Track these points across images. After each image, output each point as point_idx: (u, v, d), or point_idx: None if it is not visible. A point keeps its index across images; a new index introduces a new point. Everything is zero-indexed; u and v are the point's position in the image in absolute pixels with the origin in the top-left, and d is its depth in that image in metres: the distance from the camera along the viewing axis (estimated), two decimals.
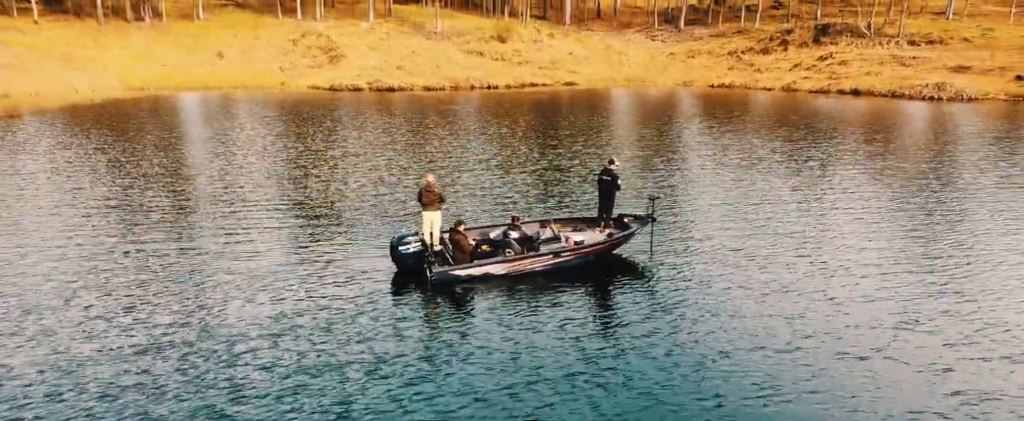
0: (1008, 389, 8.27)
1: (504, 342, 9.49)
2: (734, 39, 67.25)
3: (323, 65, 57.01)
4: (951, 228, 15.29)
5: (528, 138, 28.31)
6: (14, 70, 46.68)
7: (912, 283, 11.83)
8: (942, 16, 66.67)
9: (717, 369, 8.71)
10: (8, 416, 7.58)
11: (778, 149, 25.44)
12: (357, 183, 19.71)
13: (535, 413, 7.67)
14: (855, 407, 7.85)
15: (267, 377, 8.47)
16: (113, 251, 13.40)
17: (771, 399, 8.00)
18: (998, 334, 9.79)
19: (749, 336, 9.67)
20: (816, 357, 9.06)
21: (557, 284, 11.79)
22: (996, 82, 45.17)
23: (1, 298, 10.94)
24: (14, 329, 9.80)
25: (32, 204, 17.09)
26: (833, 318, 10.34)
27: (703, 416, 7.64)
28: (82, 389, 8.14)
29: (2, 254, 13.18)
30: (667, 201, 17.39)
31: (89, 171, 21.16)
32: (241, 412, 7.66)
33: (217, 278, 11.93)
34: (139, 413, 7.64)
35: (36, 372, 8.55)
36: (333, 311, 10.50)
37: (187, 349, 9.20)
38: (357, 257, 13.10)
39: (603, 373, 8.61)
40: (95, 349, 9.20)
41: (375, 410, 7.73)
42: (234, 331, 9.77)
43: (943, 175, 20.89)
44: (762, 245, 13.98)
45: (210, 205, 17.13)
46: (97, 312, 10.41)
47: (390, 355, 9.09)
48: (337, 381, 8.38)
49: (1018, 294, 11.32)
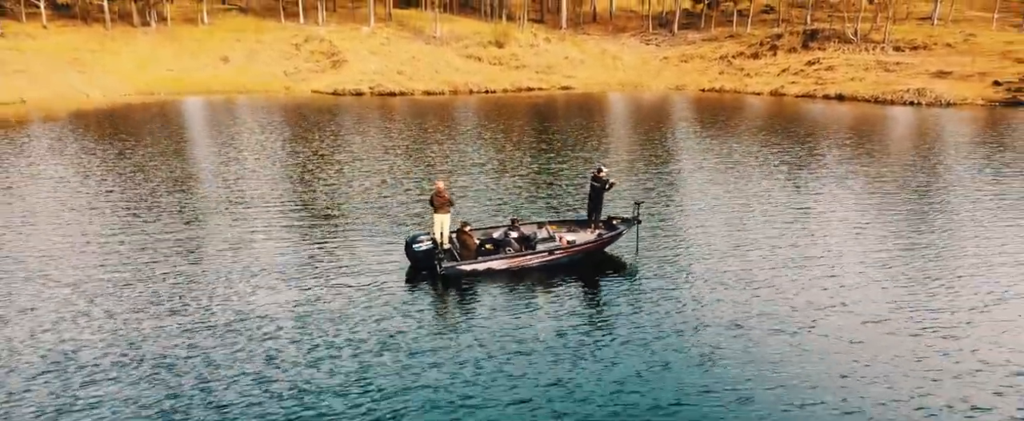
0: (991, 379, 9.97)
1: (504, 327, 11.15)
2: (726, 43, 68.96)
3: (326, 70, 58.56)
4: (918, 227, 16.98)
5: (524, 143, 29.96)
6: (28, 76, 48.18)
7: (879, 277, 13.52)
8: (928, 22, 68.49)
9: (694, 352, 10.39)
10: (86, 379, 9.20)
11: (757, 153, 27.12)
12: (366, 186, 21.34)
13: (530, 385, 9.33)
14: (824, 388, 9.53)
15: (298, 351, 10.12)
16: (153, 247, 15.01)
17: (740, 378, 9.68)
18: (972, 321, 11.50)
19: (724, 324, 11.34)
20: (786, 341, 10.74)
21: (552, 278, 13.46)
22: (975, 87, 46.95)
23: (66, 287, 12.57)
24: (81, 312, 11.43)
25: (69, 205, 18.67)
26: (805, 307, 12.02)
27: (679, 392, 9.31)
28: (141, 359, 9.78)
29: (57, 250, 14.78)
30: (652, 204, 19.06)
31: (117, 175, 22.74)
32: (275, 377, 9.31)
33: (248, 271, 13.56)
34: (193, 377, 9.28)
35: (103, 347, 10.19)
36: (355, 299, 12.15)
37: (227, 328, 10.85)
38: (374, 254, 14.74)
39: (591, 355, 10.28)
40: (152, 326, 10.84)
41: (391, 379, 9.38)
42: (266, 314, 11.42)
43: (908, 177, 22.59)
44: (739, 244, 15.66)
45: (234, 206, 18.75)
46: (149, 298, 12.05)
47: (405, 335, 10.75)
48: (358, 354, 10.04)
49: (994, 286, 13.03)
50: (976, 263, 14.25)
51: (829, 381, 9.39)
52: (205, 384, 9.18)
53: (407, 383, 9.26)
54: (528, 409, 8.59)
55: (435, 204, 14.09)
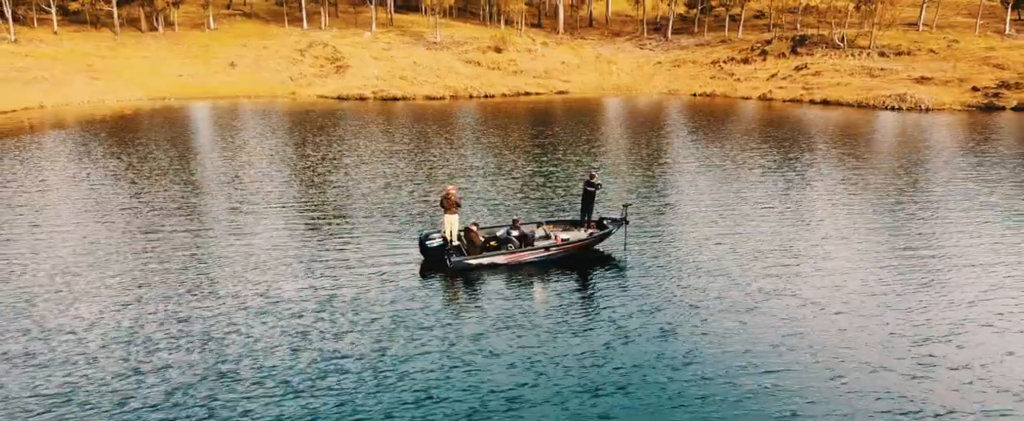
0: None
1: (504, 313, 13.10)
2: (718, 48, 71.03)
3: (330, 75, 60.47)
4: (887, 225, 18.96)
5: (522, 148, 31.91)
6: (46, 82, 50.05)
7: (844, 265, 15.49)
8: (914, 27, 70.62)
9: (676, 336, 12.34)
10: (149, 350, 11.12)
11: (739, 157, 29.09)
12: (375, 187, 23.26)
13: (521, 357, 11.28)
14: (794, 375, 11.48)
15: (326, 328, 12.04)
16: (189, 243, 16.94)
17: (715, 358, 11.63)
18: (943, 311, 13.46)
19: (702, 312, 13.28)
20: (756, 329, 12.70)
21: (548, 271, 15.42)
22: (953, 93, 49.03)
23: (120, 275, 14.49)
24: (136, 296, 13.37)
25: (109, 205, 20.57)
26: (772, 298, 13.98)
27: (643, 361, 11.26)
28: (191, 334, 11.71)
29: (109, 245, 16.70)
30: (640, 205, 21.02)
31: (145, 177, 24.64)
32: (306, 348, 11.24)
33: (277, 263, 15.48)
34: (237, 348, 11.21)
35: (159, 325, 12.12)
36: (375, 288, 14.08)
37: (262, 312, 12.78)
38: (389, 250, 16.68)
39: (582, 336, 12.24)
40: (196, 308, 12.76)
41: (404, 350, 11.32)
42: (297, 299, 13.35)
43: (878, 179, 24.55)
44: (719, 241, 17.62)
45: (257, 207, 20.66)
46: (191, 284, 13.98)
47: (416, 317, 12.69)
48: (377, 331, 11.97)
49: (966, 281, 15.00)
50: (949, 258, 16.22)
51: (784, 354, 11.35)
52: (248, 354, 11.10)
53: (416, 353, 11.19)
54: (519, 375, 10.53)
55: (445, 205, 16.03)
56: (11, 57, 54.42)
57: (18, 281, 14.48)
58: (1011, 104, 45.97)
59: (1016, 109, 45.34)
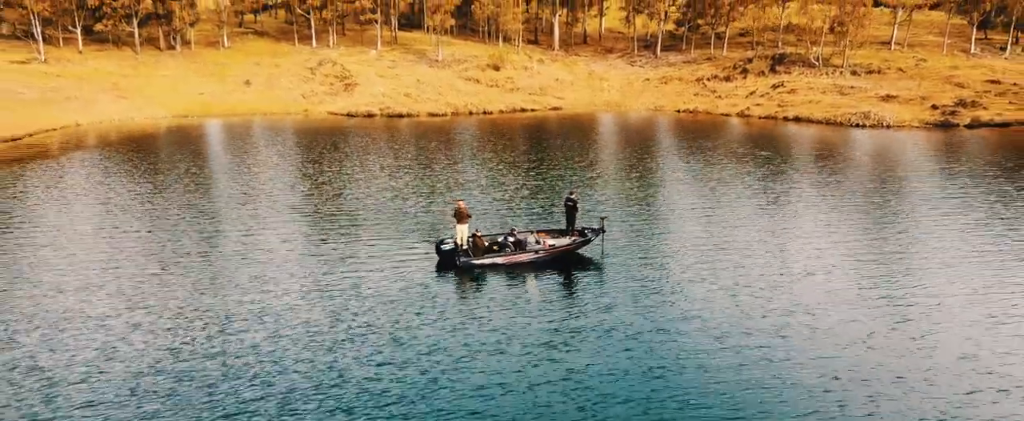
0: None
1: (504, 302, 17.19)
2: (703, 66, 75.40)
3: (339, 93, 64.66)
4: (834, 233, 23.09)
5: (516, 164, 36.04)
6: (78, 101, 54.15)
7: (804, 266, 19.60)
8: (887, 46, 75.09)
9: (634, 320, 16.43)
10: (185, 340, 15.17)
11: (710, 171, 33.25)
12: (390, 198, 27.35)
13: (515, 333, 15.37)
14: (760, 368, 15.58)
15: (355, 316, 16.11)
16: (225, 247, 21.03)
17: (680, 345, 15.73)
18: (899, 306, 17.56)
19: (668, 305, 17.38)
20: (720, 324, 16.79)
21: (538, 271, 19.53)
22: (914, 110, 53.35)
23: (162, 274, 18.58)
24: (177, 292, 17.45)
25: (162, 214, 24.65)
26: (731, 294, 18.08)
27: (613, 340, 15.35)
28: (229, 321, 15.77)
29: (152, 249, 20.79)
30: (617, 215, 25.13)
31: (183, 190, 28.72)
32: (339, 330, 15.31)
33: (314, 263, 19.56)
34: (272, 333, 15.27)
35: (198, 319, 16.20)
36: (398, 283, 18.16)
37: (307, 299, 16.86)
38: (407, 253, 20.77)
39: (564, 323, 16.34)
40: (235, 300, 16.83)
41: (421, 331, 15.40)
42: (332, 291, 17.42)
43: (828, 190, 28.72)
44: (686, 246, 21.74)
45: (291, 215, 24.75)
46: (227, 281, 18.05)
47: (433, 306, 16.77)
48: (398, 317, 16.03)
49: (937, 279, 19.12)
50: (903, 259, 20.36)
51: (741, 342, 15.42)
52: (284, 337, 15.16)
53: (431, 333, 15.27)
54: (509, 345, 14.60)
55: (457, 217, 20.16)
56: (44, 77, 58.52)
57: (96, 272, 18.59)
58: (965, 121, 50.25)
59: (969, 126, 49.63)
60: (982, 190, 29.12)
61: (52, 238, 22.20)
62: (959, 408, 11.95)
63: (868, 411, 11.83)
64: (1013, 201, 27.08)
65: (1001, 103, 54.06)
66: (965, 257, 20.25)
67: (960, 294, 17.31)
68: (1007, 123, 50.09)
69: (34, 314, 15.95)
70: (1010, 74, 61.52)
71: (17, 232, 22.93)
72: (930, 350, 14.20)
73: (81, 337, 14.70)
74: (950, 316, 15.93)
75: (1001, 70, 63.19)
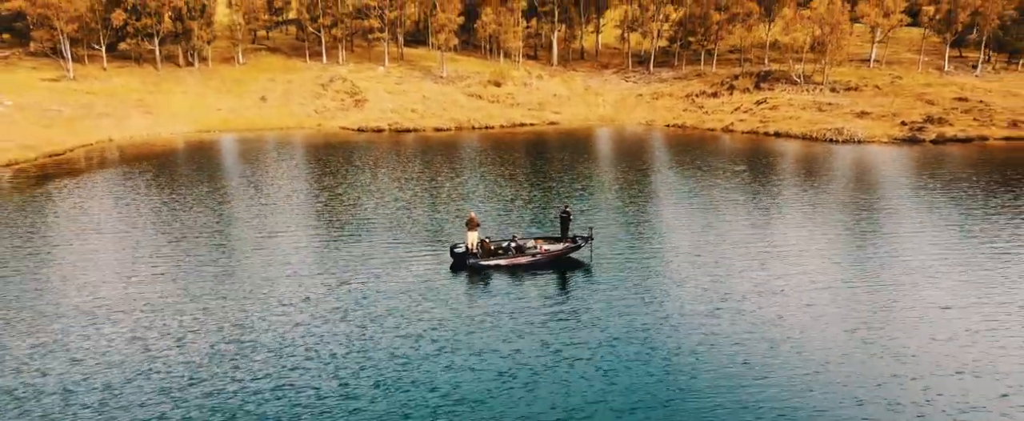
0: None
1: (506, 295, 21.22)
2: (693, 82, 79.63)
3: (350, 108, 68.83)
4: (796, 238, 27.09)
5: (515, 177, 40.09)
6: (109, 117, 58.28)
7: (778, 269, 23.58)
8: (867, 64, 79.41)
9: (625, 317, 20.45)
10: (230, 337, 19.14)
11: (690, 183, 37.29)
12: (405, 207, 31.35)
13: (515, 319, 19.39)
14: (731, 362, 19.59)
15: (380, 306, 20.11)
16: (257, 252, 25.04)
17: (655, 336, 19.74)
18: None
19: (646, 302, 21.38)
20: (696, 320, 20.79)
21: (535, 271, 23.55)
22: (885, 126, 57.50)
23: (199, 278, 22.58)
24: (216, 295, 21.44)
25: (209, 221, 28.65)
26: (703, 293, 22.08)
27: (596, 331, 19.35)
28: (267, 314, 19.77)
29: (221, 253, 24.79)
30: (604, 224, 29.13)
31: (221, 200, 32.74)
32: (368, 323, 19.31)
33: (340, 264, 23.56)
34: (306, 325, 19.27)
35: (233, 322, 20.21)
36: (419, 280, 22.17)
37: (334, 299, 20.85)
38: (425, 255, 24.79)
39: (554, 312, 20.37)
40: (270, 296, 20.83)
41: (437, 321, 19.40)
42: (363, 288, 21.42)
43: (794, 202, 32.74)
44: (665, 252, 25.76)
45: (315, 223, 28.77)
46: (258, 284, 22.06)
47: (448, 299, 20.79)
48: (418, 308, 20.02)
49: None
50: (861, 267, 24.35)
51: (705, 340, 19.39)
52: (320, 330, 19.12)
53: (446, 319, 19.25)
54: (512, 333, 18.59)
55: (468, 225, 24.20)
56: (75, 94, 62.68)
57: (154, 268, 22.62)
58: (931, 137, 54.40)
59: (934, 142, 53.78)
60: (923, 200, 33.21)
61: (125, 237, 26.25)
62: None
63: (841, 407, 15.85)
64: (948, 209, 31.17)
65: (966, 120, 58.25)
66: (912, 259, 24.31)
67: (907, 290, 21.36)
68: (969, 138, 54.26)
69: (121, 304, 19.99)
70: (978, 92, 65.77)
71: (93, 234, 26.98)
72: (890, 348, 18.23)
73: (148, 322, 18.74)
74: (905, 314, 19.97)
75: (970, 88, 67.44)
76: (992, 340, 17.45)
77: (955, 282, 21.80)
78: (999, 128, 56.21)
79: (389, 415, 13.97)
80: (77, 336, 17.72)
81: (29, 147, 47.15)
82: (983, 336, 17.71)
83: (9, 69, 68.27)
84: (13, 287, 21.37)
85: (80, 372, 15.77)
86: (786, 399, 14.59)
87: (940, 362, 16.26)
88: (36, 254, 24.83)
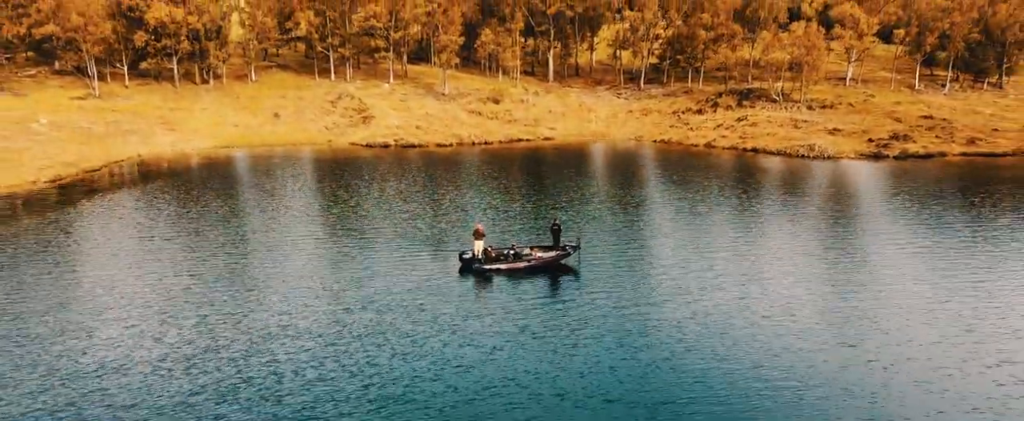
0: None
1: (507, 292, 25.80)
2: (680, 98, 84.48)
3: (358, 125, 73.46)
4: (762, 250, 31.65)
5: (513, 190, 44.70)
6: (136, 135, 62.84)
7: (746, 277, 28.15)
8: (843, 82, 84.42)
9: (607, 318, 25.01)
10: (267, 334, 23.67)
11: (671, 196, 41.91)
12: (417, 217, 35.88)
13: (513, 314, 23.97)
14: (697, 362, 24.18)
15: (399, 305, 24.67)
16: (280, 259, 29.58)
17: (632, 331, 24.31)
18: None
19: (625, 298, 25.95)
20: (672, 318, 25.36)
21: (531, 274, 28.14)
22: (853, 142, 62.31)
23: (235, 285, 27.13)
24: (244, 299, 26.00)
25: (240, 229, 33.17)
26: (678, 298, 26.65)
27: (579, 326, 23.93)
28: (291, 314, 24.32)
29: (254, 259, 29.31)
30: (591, 233, 33.70)
31: (248, 211, 37.28)
32: (385, 317, 23.87)
33: (361, 268, 28.10)
34: (332, 320, 23.81)
35: (265, 320, 24.77)
36: (434, 279, 26.73)
37: (361, 295, 25.40)
38: (437, 261, 29.35)
39: (544, 307, 24.96)
40: (316, 294, 25.38)
41: (449, 315, 23.98)
42: (384, 289, 25.97)
43: (763, 212, 37.33)
44: (644, 257, 30.34)
45: (334, 232, 33.30)
46: (277, 289, 26.61)
47: (457, 296, 25.36)
48: (432, 305, 24.58)
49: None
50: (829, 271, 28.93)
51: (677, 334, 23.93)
52: (349, 319, 23.64)
53: (456, 310, 23.79)
54: (505, 321, 23.13)
55: (476, 235, 28.80)
56: (102, 112, 67.23)
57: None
58: (895, 153, 59.21)
59: (897, 157, 58.59)
60: (868, 211, 37.95)
61: (176, 243, 30.81)
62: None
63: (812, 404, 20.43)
64: (885, 218, 35.88)
65: (929, 137, 63.15)
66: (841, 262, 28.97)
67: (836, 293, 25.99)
68: (929, 154, 59.10)
69: (177, 304, 24.53)
70: (943, 110, 70.78)
71: (151, 240, 31.53)
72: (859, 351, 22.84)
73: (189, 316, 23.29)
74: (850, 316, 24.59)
75: (937, 106, 72.46)
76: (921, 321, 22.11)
77: (907, 283, 26.49)
78: (958, 145, 61.08)
79: (407, 372, 18.58)
80: (179, 314, 22.30)
81: (69, 164, 51.65)
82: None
83: (39, 87, 72.88)
84: (118, 279, 25.92)
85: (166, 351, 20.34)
86: (745, 384, 19.20)
87: (896, 353, 20.91)
88: (116, 255, 29.38)
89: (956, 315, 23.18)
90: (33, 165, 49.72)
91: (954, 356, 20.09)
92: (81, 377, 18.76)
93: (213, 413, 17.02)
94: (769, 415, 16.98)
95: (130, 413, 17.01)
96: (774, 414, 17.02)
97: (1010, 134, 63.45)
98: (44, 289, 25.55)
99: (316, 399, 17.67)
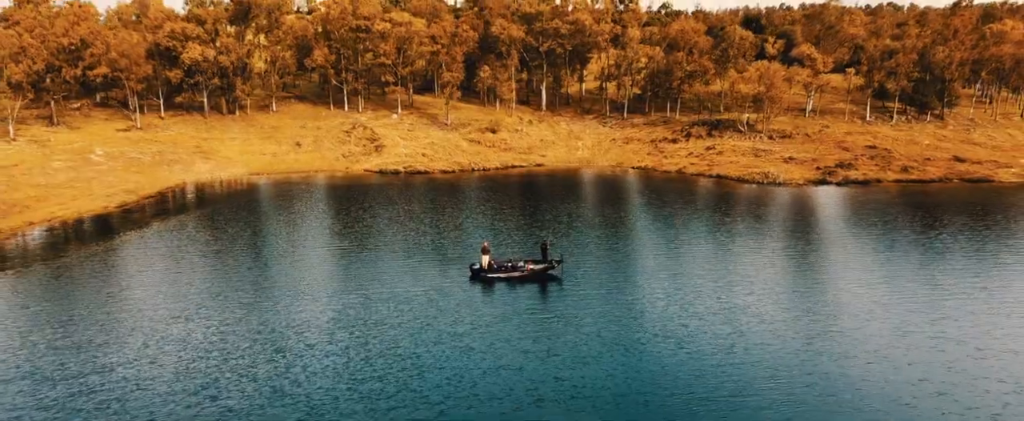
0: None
1: (507, 294, 34.84)
2: (659, 128, 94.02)
3: (371, 153, 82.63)
4: (727, 268, 40.71)
5: (506, 213, 53.79)
6: (178, 164, 71.85)
7: (718, 289, 37.20)
8: (803, 113, 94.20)
9: (578, 312, 34.04)
10: (287, 340, 32.59)
11: (640, 216, 51.01)
12: (428, 234, 44.82)
13: (512, 312, 33.01)
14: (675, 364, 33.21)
15: (414, 306, 33.64)
16: (312, 272, 38.54)
17: (608, 337, 33.34)
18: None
19: (600, 302, 34.97)
20: (648, 318, 34.40)
21: (523, 283, 37.20)
22: (803, 170, 71.75)
23: (352, 295, 36.09)
24: (274, 312, 34.98)
25: (286, 246, 42.08)
26: (658, 302, 35.68)
27: (566, 328, 32.94)
28: (309, 321, 33.29)
29: (308, 269, 38.27)
30: (574, 249, 42.70)
31: (292, 230, 46.18)
32: (402, 318, 32.86)
33: (386, 274, 37.04)
34: (355, 323, 32.76)
35: (291, 330, 33.76)
36: (446, 286, 35.73)
37: (384, 297, 34.38)
38: (448, 271, 38.35)
39: (535, 309, 34.00)
40: (322, 308, 34.33)
41: (457, 314, 32.98)
42: (402, 296, 34.94)
43: (710, 231, 46.38)
44: (616, 268, 39.37)
45: (357, 249, 42.23)
46: (308, 300, 35.57)
47: (466, 299, 34.37)
48: (444, 307, 33.58)
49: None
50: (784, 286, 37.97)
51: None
52: (375, 317, 32.54)
53: (465, 309, 32.73)
54: (510, 322, 32.08)
55: (482, 251, 37.84)
56: (146, 143, 76.27)
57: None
58: (838, 179, 68.69)
59: (838, 184, 68.05)
60: (798, 229, 47.23)
61: (238, 258, 39.71)
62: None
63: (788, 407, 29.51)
64: (818, 239, 45.11)
65: (870, 165, 72.72)
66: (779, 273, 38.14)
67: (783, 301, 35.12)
68: (867, 181, 68.60)
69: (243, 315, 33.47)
70: (887, 140, 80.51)
71: (221, 255, 40.43)
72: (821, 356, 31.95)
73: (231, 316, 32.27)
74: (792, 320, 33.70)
75: (882, 136, 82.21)
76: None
77: (830, 290, 35.69)
78: (893, 172, 70.64)
79: (425, 361, 27.62)
80: (277, 310, 31.23)
81: (129, 191, 60.58)
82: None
83: (87, 121, 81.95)
84: (216, 286, 34.84)
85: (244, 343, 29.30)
86: (723, 374, 28.31)
87: (849, 351, 30.05)
88: (193, 267, 38.28)
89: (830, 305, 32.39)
90: (102, 193, 58.68)
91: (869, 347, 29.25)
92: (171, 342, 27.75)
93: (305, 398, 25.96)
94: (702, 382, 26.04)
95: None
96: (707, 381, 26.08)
97: (939, 163, 73.14)
98: (181, 287, 34.50)
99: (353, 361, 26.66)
